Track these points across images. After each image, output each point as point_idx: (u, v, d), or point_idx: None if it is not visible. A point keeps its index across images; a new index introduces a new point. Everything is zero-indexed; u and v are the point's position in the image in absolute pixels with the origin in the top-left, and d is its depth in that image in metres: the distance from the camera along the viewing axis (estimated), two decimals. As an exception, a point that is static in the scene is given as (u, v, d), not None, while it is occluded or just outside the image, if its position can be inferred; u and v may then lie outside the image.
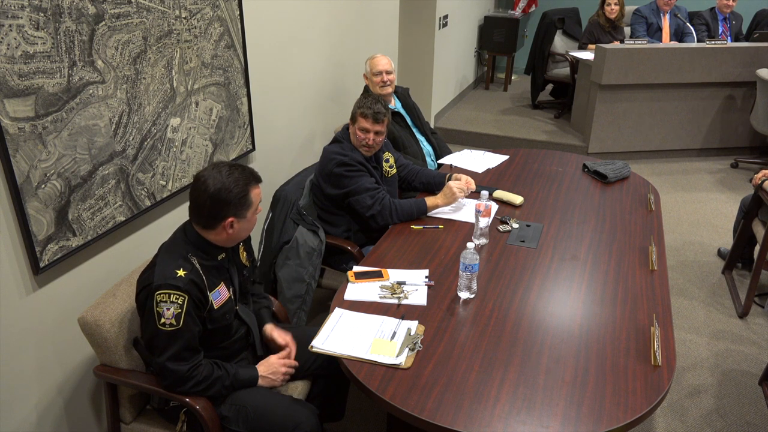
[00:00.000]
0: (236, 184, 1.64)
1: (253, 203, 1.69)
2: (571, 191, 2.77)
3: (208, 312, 1.68)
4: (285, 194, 2.58)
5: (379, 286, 1.99)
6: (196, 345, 1.66)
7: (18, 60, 1.59)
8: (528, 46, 6.78)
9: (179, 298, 1.59)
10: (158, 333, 1.60)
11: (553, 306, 1.90)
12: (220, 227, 1.67)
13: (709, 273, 3.48)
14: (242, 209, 1.66)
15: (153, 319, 1.59)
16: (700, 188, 4.65)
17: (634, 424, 1.47)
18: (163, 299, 1.58)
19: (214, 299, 1.69)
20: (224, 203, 1.63)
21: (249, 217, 1.70)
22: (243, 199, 1.65)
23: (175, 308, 1.58)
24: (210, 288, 1.69)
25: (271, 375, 1.80)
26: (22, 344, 1.77)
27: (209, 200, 1.62)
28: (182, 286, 1.60)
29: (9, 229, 1.67)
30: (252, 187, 1.69)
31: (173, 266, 1.62)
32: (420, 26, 5.14)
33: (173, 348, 1.60)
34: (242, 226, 1.70)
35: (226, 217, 1.65)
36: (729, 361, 2.74)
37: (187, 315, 1.60)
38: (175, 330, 1.59)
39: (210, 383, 1.68)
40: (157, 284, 1.59)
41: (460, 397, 1.52)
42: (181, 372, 1.62)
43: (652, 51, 4.70)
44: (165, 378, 1.64)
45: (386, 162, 2.63)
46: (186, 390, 1.65)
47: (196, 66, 2.30)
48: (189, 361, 1.64)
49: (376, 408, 2.44)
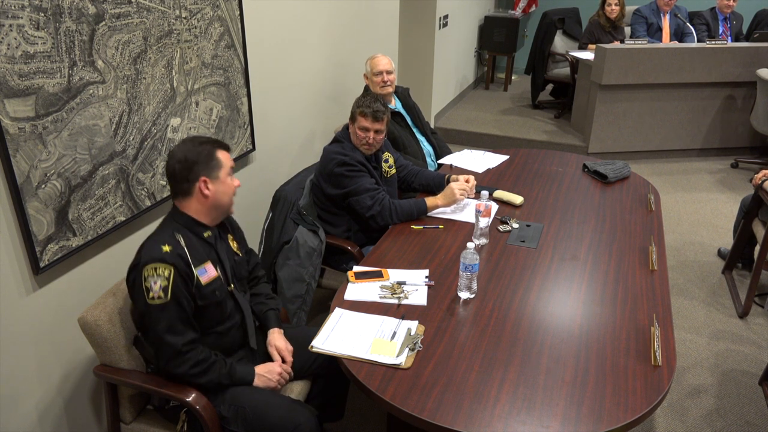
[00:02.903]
0: (201, 147, 1.72)
1: (222, 164, 1.73)
2: (571, 191, 2.77)
3: (197, 288, 1.70)
4: (285, 194, 2.58)
5: (379, 286, 1.99)
6: (189, 319, 1.68)
7: (18, 60, 1.59)
8: (528, 46, 6.78)
9: (165, 270, 1.62)
10: (149, 308, 1.63)
11: (553, 306, 1.90)
12: (196, 190, 1.71)
13: (709, 273, 3.48)
14: (212, 169, 1.71)
15: (142, 295, 1.63)
16: (700, 188, 4.65)
17: (634, 424, 1.47)
18: (150, 273, 1.62)
19: (200, 275, 1.71)
20: (192, 163, 1.69)
21: (222, 178, 1.73)
22: (209, 158, 1.71)
23: (162, 281, 1.62)
24: (195, 264, 1.71)
25: (266, 374, 1.80)
26: (22, 344, 1.78)
27: (178, 165, 1.69)
28: (167, 258, 1.64)
29: (9, 229, 1.67)
30: (218, 149, 1.74)
31: (159, 243, 1.66)
32: (420, 26, 5.14)
33: (165, 320, 1.63)
34: (218, 188, 1.73)
35: (198, 177, 1.70)
36: (729, 361, 2.74)
37: (175, 287, 1.63)
38: (164, 303, 1.62)
39: (207, 366, 1.68)
40: (144, 261, 1.63)
41: (460, 397, 1.52)
42: (177, 346, 1.64)
43: (652, 51, 4.70)
44: (161, 353, 1.65)
45: (385, 162, 2.63)
46: (184, 372, 1.65)
47: (197, 66, 2.30)
48: (184, 335, 1.65)
49: (376, 408, 2.44)
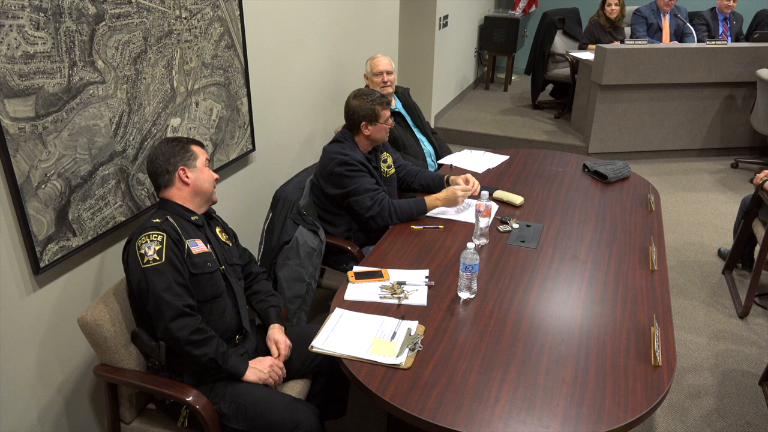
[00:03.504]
0: (175, 143, 1.84)
1: (198, 155, 1.85)
2: (571, 191, 2.77)
3: (188, 256, 1.75)
4: (285, 194, 2.58)
5: (379, 286, 1.99)
6: (186, 284, 1.72)
7: (18, 60, 1.59)
8: (528, 46, 6.78)
9: (158, 236, 1.70)
10: (144, 273, 1.67)
11: (553, 306, 1.90)
12: (176, 179, 1.82)
13: (709, 273, 3.48)
14: (188, 159, 1.83)
15: (137, 262, 1.68)
16: (700, 188, 4.65)
17: (634, 424, 1.47)
18: (143, 241, 1.69)
19: (191, 246, 1.77)
20: (168, 157, 1.81)
21: (200, 167, 1.84)
22: (184, 151, 1.83)
23: (155, 245, 1.69)
24: (185, 237, 1.77)
25: (258, 366, 1.80)
26: (22, 344, 1.78)
27: (156, 161, 1.82)
28: (159, 226, 1.72)
29: (9, 229, 1.67)
30: (191, 144, 1.86)
31: (149, 219, 1.75)
32: (420, 26, 5.14)
33: (163, 282, 1.66)
34: (197, 175, 1.83)
35: (177, 166, 1.81)
36: (729, 361, 2.74)
37: (168, 250, 1.70)
38: (159, 264, 1.67)
39: (206, 338, 1.70)
40: (137, 234, 1.72)
41: (460, 397, 1.52)
42: (177, 305, 1.66)
43: (652, 51, 4.70)
44: (161, 313, 1.66)
45: (384, 162, 2.63)
46: (183, 337, 1.65)
47: (197, 66, 2.30)
48: (182, 298, 1.68)
49: (376, 408, 2.44)
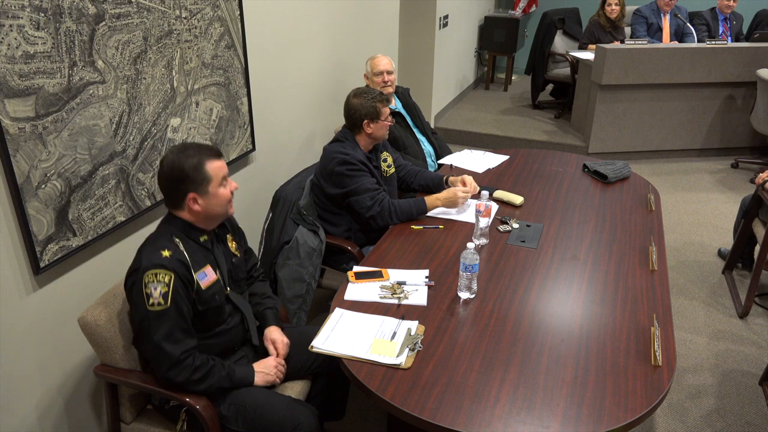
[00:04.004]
0: (188, 160, 1.65)
1: (212, 177, 1.67)
2: (571, 191, 2.77)
3: (197, 292, 1.68)
4: (285, 194, 2.58)
5: (379, 286, 1.99)
6: (189, 327, 1.66)
7: (18, 60, 1.59)
8: (528, 46, 6.78)
9: (165, 276, 1.60)
10: (148, 315, 1.60)
11: (553, 306, 1.90)
12: (185, 205, 1.69)
13: (709, 273, 3.48)
14: (200, 184, 1.66)
15: (142, 301, 1.60)
16: (700, 188, 4.65)
17: (634, 424, 1.47)
18: (150, 280, 1.59)
19: (200, 280, 1.70)
20: (179, 180, 1.65)
21: (213, 191, 1.68)
22: (197, 174, 1.65)
23: (162, 287, 1.59)
24: (195, 269, 1.69)
25: (264, 369, 1.80)
26: (22, 344, 1.78)
27: (165, 179, 1.67)
28: (167, 264, 1.61)
29: (9, 229, 1.67)
30: (207, 161, 1.67)
31: (158, 248, 1.64)
32: (420, 26, 5.14)
33: (164, 328, 1.60)
34: (208, 201, 1.68)
35: (186, 193, 1.66)
36: (729, 361, 2.74)
37: (175, 293, 1.61)
38: (164, 309, 1.60)
39: (206, 372, 1.66)
40: (144, 266, 1.61)
41: (460, 397, 1.52)
42: (175, 355, 1.61)
43: (652, 51, 4.70)
44: (159, 364, 1.62)
45: (384, 161, 2.63)
46: (183, 380, 1.63)
47: (197, 66, 2.30)
48: (181, 344, 1.63)
49: (376, 408, 2.44)
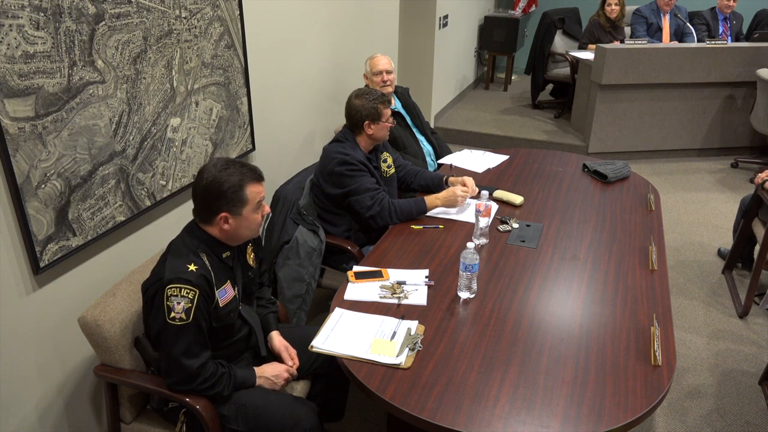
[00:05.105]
0: (228, 178, 1.62)
1: (248, 200, 1.65)
2: (571, 191, 2.77)
3: (214, 309, 1.68)
4: (285, 194, 2.58)
5: (379, 286, 1.99)
6: (206, 341, 1.66)
7: (18, 60, 1.59)
8: (528, 46, 6.77)
9: (190, 293, 1.58)
10: (167, 327, 1.59)
11: (553, 306, 1.90)
12: (215, 222, 1.66)
13: (709, 273, 3.48)
14: (235, 205, 1.64)
15: (162, 313, 1.58)
16: (700, 188, 4.65)
17: (634, 424, 1.47)
18: (174, 293, 1.57)
19: (220, 297, 1.69)
20: (215, 197, 1.62)
21: (246, 215, 1.66)
22: (235, 195, 1.63)
23: (185, 303, 1.58)
24: (217, 285, 1.68)
25: (273, 377, 1.80)
26: (22, 344, 1.77)
27: (201, 192, 1.64)
28: (193, 281, 1.59)
29: (9, 229, 1.67)
30: (248, 184, 1.65)
31: (185, 261, 1.62)
32: (420, 26, 5.14)
33: (183, 344, 1.59)
34: (239, 223, 1.67)
35: (219, 212, 1.64)
36: (729, 361, 2.74)
37: (197, 310, 1.59)
38: (185, 324, 1.58)
39: (216, 380, 1.67)
40: (168, 278, 1.59)
41: (460, 397, 1.52)
42: (192, 368, 1.61)
43: (652, 51, 4.70)
44: (173, 374, 1.62)
45: (384, 162, 2.63)
46: (192, 388, 1.64)
47: (196, 66, 2.30)
48: (199, 357, 1.62)
49: (376, 408, 2.44)
